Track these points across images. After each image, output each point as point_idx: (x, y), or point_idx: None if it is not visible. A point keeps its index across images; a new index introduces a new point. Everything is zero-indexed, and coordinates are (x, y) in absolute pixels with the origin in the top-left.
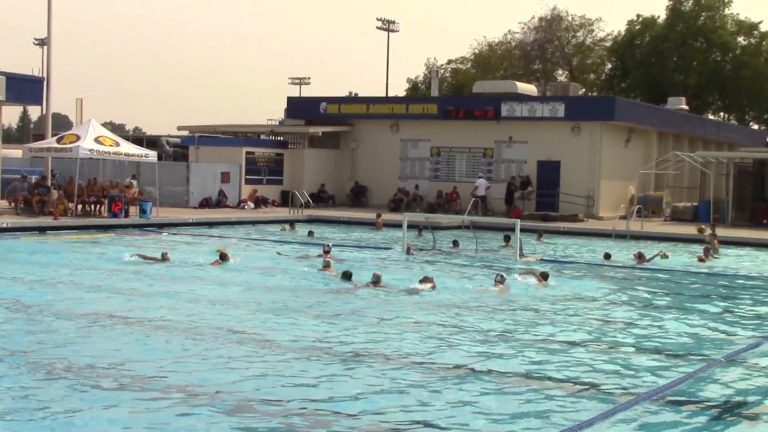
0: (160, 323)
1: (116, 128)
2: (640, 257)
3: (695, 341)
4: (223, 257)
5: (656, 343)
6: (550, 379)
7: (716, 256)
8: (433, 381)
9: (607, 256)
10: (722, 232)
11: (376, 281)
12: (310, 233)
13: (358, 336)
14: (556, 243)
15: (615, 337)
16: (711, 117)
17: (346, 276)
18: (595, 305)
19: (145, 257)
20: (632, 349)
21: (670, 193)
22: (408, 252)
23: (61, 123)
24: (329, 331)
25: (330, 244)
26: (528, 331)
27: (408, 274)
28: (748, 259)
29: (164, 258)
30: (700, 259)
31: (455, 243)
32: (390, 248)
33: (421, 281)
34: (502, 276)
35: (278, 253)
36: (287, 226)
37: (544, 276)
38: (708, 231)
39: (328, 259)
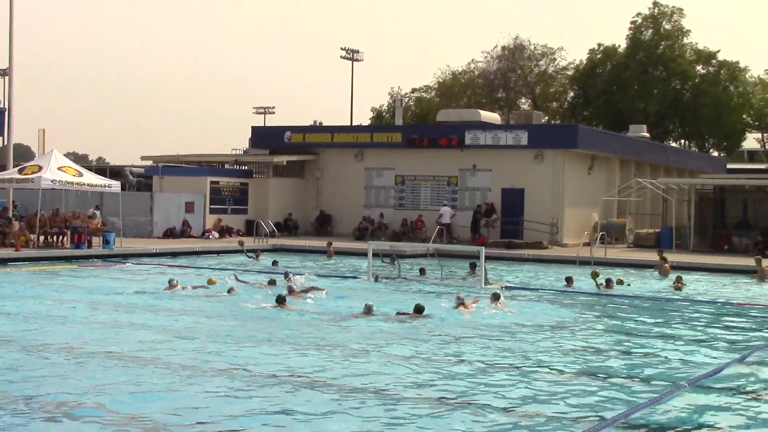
0: (120, 355)
1: (79, 158)
2: (608, 284)
3: (658, 366)
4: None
5: (619, 369)
6: (512, 405)
7: (669, 281)
8: (389, 408)
9: (569, 280)
10: (684, 257)
11: (367, 311)
12: (275, 263)
13: (335, 367)
14: (521, 270)
15: (577, 362)
16: (672, 144)
17: (280, 300)
18: (557, 331)
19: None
20: (594, 375)
21: (633, 220)
22: (377, 280)
23: (23, 153)
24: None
25: (290, 272)
26: (489, 358)
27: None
28: (706, 284)
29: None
30: (676, 288)
31: (422, 271)
32: (356, 277)
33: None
34: (459, 297)
35: (237, 278)
36: (254, 254)
37: (495, 297)
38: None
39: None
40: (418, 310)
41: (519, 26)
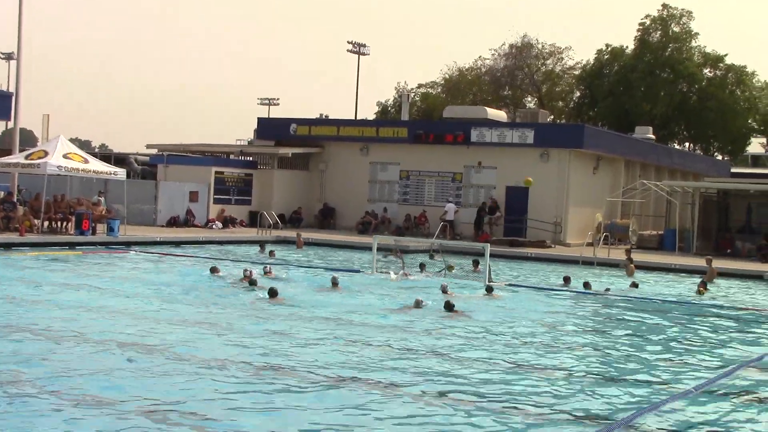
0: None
1: (83, 145)
2: (634, 285)
3: (665, 370)
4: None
5: (625, 372)
6: (512, 406)
7: (631, 280)
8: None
9: (567, 280)
10: (687, 260)
11: (417, 305)
12: (271, 253)
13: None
14: (524, 268)
15: (582, 363)
16: (677, 147)
17: (272, 293)
18: (564, 331)
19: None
20: (601, 378)
21: (637, 221)
22: (405, 275)
23: (27, 138)
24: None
25: (270, 266)
26: (493, 357)
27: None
28: (715, 289)
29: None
30: (699, 292)
31: (422, 266)
32: (359, 271)
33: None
34: (444, 286)
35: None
36: (262, 251)
37: (489, 290)
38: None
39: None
40: (448, 307)
41: (527, 25)
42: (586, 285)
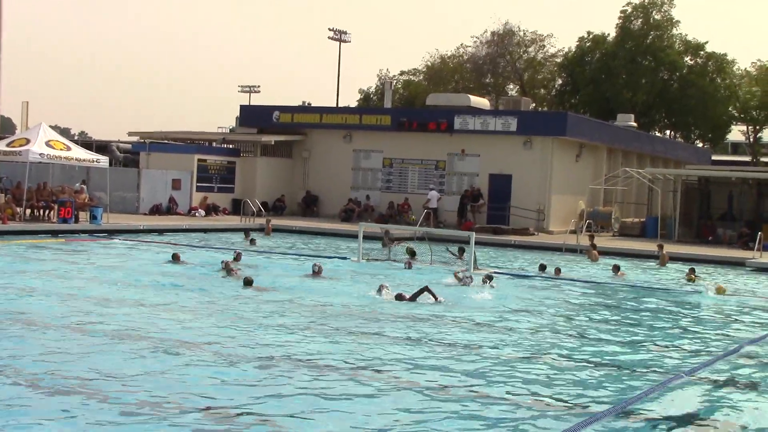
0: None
1: (62, 132)
2: (616, 270)
3: (657, 356)
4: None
5: (617, 358)
6: (504, 393)
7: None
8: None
9: (542, 267)
10: (669, 248)
11: (379, 291)
12: (252, 241)
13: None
14: (508, 256)
15: (575, 350)
16: (658, 134)
17: (247, 282)
18: (553, 318)
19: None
20: (594, 364)
21: (619, 209)
22: (409, 266)
23: (4, 125)
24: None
25: (239, 251)
26: (481, 346)
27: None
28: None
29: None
30: (689, 279)
31: (412, 254)
32: (346, 258)
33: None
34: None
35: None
36: (247, 238)
37: (489, 278)
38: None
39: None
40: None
41: (509, 12)
42: (557, 271)
